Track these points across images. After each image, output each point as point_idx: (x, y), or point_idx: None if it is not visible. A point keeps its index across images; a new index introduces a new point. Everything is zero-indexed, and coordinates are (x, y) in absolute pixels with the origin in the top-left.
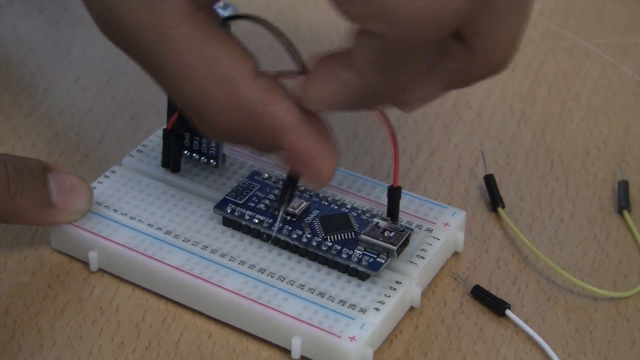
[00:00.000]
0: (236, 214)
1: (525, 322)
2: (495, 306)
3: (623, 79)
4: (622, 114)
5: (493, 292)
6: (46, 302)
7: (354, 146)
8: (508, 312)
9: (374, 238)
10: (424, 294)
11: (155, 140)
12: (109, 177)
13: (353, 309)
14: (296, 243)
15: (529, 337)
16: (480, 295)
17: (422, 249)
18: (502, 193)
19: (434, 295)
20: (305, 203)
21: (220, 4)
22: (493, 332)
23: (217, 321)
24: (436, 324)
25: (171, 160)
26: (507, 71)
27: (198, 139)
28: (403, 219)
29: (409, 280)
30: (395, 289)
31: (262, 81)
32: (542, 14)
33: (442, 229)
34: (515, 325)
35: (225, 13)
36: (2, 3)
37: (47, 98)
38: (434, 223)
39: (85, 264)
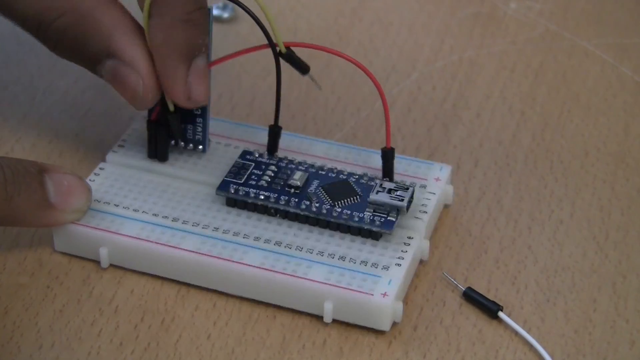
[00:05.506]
0: (241, 193)
1: (524, 322)
2: (488, 308)
3: (622, 80)
4: (622, 114)
5: (492, 292)
6: (45, 303)
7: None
8: (501, 314)
9: (384, 198)
10: (423, 294)
11: (133, 133)
12: (98, 174)
13: (376, 268)
14: (306, 213)
15: (526, 339)
16: (472, 297)
17: (422, 204)
18: (502, 193)
19: (433, 296)
20: (305, 174)
21: (220, 3)
22: (492, 333)
23: (215, 322)
24: (435, 325)
25: (158, 150)
26: (507, 71)
27: (183, 126)
28: (396, 178)
29: (418, 235)
30: (409, 244)
31: None
32: (541, 15)
33: (435, 184)
34: (507, 327)
35: (224, 13)
36: None
37: (47, 98)
38: (426, 179)
39: (86, 263)
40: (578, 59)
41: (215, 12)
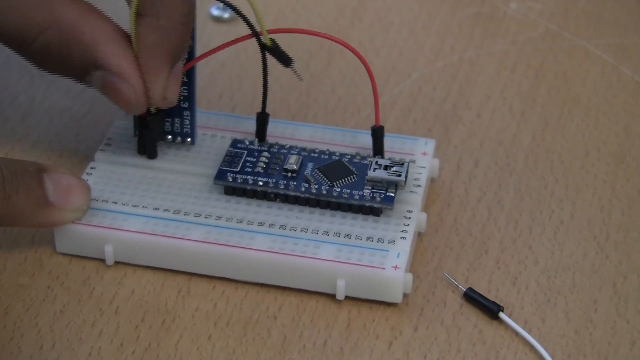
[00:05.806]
0: (239, 180)
1: (525, 323)
2: (489, 309)
3: (623, 80)
4: (622, 114)
5: (493, 293)
6: (46, 304)
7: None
8: (501, 314)
9: (382, 175)
10: (423, 294)
11: (117, 131)
12: (90, 173)
13: (382, 242)
14: (307, 195)
15: (527, 339)
16: (473, 298)
17: (415, 179)
18: (502, 193)
19: (434, 297)
20: (299, 157)
21: (220, 4)
22: (493, 333)
23: (216, 322)
24: (436, 325)
25: (147, 147)
26: (507, 72)
27: (170, 120)
28: (385, 155)
29: (416, 208)
30: (410, 217)
31: (78, 3)
32: (541, 15)
33: (423, 158)
34: (508, 327)
35: (224, 13)
36: None
37: (47, 99)
38: (414, 154)
39: (87, 263)
40: (578, 59)
41: (215, 12)
